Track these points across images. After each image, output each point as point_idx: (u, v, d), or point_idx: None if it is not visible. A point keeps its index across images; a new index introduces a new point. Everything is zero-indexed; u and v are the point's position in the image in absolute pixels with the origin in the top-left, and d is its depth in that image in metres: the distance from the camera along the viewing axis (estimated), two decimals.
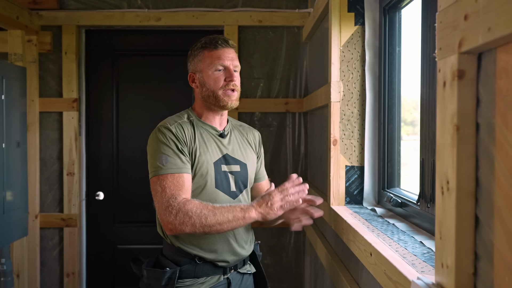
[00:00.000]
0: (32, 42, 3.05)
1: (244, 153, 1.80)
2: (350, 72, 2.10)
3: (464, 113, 0.84)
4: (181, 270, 1.64)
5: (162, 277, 1.62)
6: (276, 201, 1.59)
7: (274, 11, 3.13)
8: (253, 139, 1.88)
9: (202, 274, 1.67)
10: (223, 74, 1.70)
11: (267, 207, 1.58)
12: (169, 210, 1.55)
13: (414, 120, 1.99)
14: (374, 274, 1.37)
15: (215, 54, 1.71)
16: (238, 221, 1.56)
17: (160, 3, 3.15)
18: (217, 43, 1.71)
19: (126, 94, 3.26)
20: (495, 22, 0.70)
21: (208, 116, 1.76)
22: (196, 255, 1.66)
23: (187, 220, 1.53)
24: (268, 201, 1.58)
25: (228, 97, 1.70)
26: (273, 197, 1.59)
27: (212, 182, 1.68)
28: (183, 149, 1.64)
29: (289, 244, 3.20)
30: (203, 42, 1.74)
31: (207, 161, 1.68)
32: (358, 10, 2.09)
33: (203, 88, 1.73)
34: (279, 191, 1.61)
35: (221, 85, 1.69)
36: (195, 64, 1.76)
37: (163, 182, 1.59)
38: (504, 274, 0.74)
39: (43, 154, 3.14)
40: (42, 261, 3.16)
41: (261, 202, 1.59)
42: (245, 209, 1.57)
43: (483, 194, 0.82)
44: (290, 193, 1.60)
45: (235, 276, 1.74)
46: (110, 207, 3.25)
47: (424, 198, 1.55)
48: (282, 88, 3.18)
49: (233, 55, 1.73)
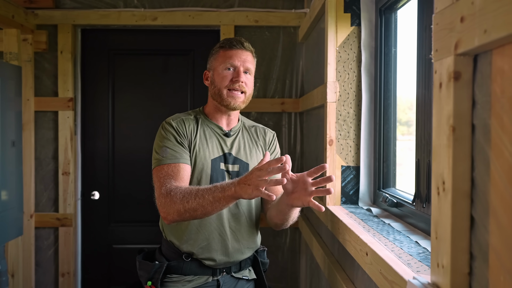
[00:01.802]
0: (28, 41, 3.04)
1: (249, 154, 1.79)
2: (346, 72, 2.11)
3: (460, 114, 0.84)
4: (168, 265, 1.68)
5: (150, 270, 1.67)
6: (252, 178, 1.41)
7: (270, 11, 3.13)
8: (265, 139, 1.87)
9: (189, 272, 1.68)
10: (231, 73, 1.71)
11: (244, 185, 1.43)
12: (160, 200, 1.58)
13: (409, 120, 2.00)
14: (370, 274, 1.37)
15: (228, 53, 1.72)
16: (219, 201, 1.48)
17: (157, 3, 3.15)
18: (232, 43, 1.73)
19: (122, 93, 3.25)
20: (491, 24, 0.71)
21: (216, 115, 1.78)
22: (185, 251, 1.68)
23: (172, 206, 1.53)
24: (246, 179, 1.44)
25: (232, 98, 1.70)
26: (251, 174, 1.43)
27: (207, 178, 1.69)
28: (183, 141, 1.68)
29: (284, 244, 3.20)
30: (222, 42, 1.77)
31: (204, 157, 1.69)
32: (354, 11, 2.10)
33: (212, 85, 1.76)
34: (256, 169, 1.43)
35: (227, 84, 1.70)
36: (210, 62, 1.79)
37: (160, 173, 1.63)
38: (499, 273, 0.74)
39: (38, 153, 3.13)
40: (37, 261, 3.15)
41: (240, 181, 1.45)
42: (225, 188, 1.47)
43: (479, 195, 0.82)
44: (268, 171, 1.40)
45: (227, 280, 1.73)
46: (105, 206, 3.25)
47: (419, 198, 1.56)
48: (278, 88, 3.19)
49: (246, 57, 1.73)
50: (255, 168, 1.43)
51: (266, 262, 1.88)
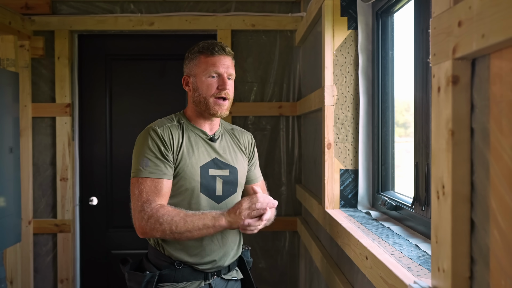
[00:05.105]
0: (25, 47, 3.03)
1: (235, 157, 1.79)
2: (343, 76, 2.11)
3: (459, 118, 0.85)
4: (160, 274, 1.66)
5: (142, 280, 1.64)
6: (243, 209, 1.60)
7: (267, 15, 3.13)
8: (245, 142, 1.87)
9: (181, 279, 1.67)
10: (216, 81, 1.70)
11: (235, 215, 1.59)
12: (141, 215, 1.58)
13: (406, 122, 2.01)
14: (370, 277, 1.37)
15: (211, 60, 1.70)
16: (208, 229, 1.59)
17: (153, 8, 3.15)
18: (214, 49, 1.70)
19: (119, 98, 3.25)
20: (488, 29, 0.71)
21: (199, 120, 1.76)
22: (177, 258, 1.67)
23: (158, 226, 1.57)
24: (237, 210, 1.60)
25: (219, 106, 1.70)
26: (241, 205, 1.61)
27: (197, 186, 1.67)
28: (167, 154, 1.65)
29: (283, 248, 3.20)
30: (200, 46, 1.73)
31: (192, 165, 1.67)
32: (351, 15, 2.10)
33: (195, 93, 1.73)
34: (247, 199, 1.62)
35: (213, 93, 1.69)
36: (190, 68, 1.75)
37: (141, 186, 1.61)
38: (500, 277, 0.74)
39: (36, 159, 3.12)
40: (36, 267, 3.14)
41: (231, 211, 1.61)
42: (216, 218, 1.59)
43: (479, 198, 0.82)
44: (258, 202, 1.61)
45: (218, 282, 1.73)
46: (103, 212, 3.24)
47: (418, 201, 1.56)
48: (276, 92, 3.19)
49: (228, 63, 1.72)
50: (246, 199, 1.63)
51: (250, 261, 1.90)
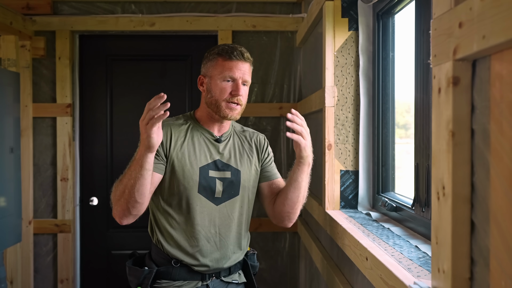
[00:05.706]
0: (26, 47, 3.04)
1: (240, 160, 1.77)
2: (344, 77, 2.11)
3: (459, 119, 0.85)
4: (158, 271, 1.68)
5: (140, 276, 1.68)
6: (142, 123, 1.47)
7: (268, 16, 3.14)
8: (257, 144, 1.84)
9: (178, 278, 1.68)
10: (231, 86, 1.68)
11: (142, 136, 1.48)
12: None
13: (407, 123, 2.01)
14: (370, 278, 1.37)
15: (228, 64, 1.68)
16: (135, 168, 1.52)
17: (154, 8, 3.15)
18: (233, 54, 1.68)
19: (120, 99, 3.25)
20: (489, 30, 0.71)
21: (208, 121, 1.75)
22: (173, 256, 1.67)
23: (112, 204, 1.61)
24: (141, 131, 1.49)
25: (230, 110, 1.68)
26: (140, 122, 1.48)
27: (195, 186, 1.67)
28: (158, 150, 1.66)
29: (284, 249, 3.20)
30: (220, 48, 1.71)
31: (191, 165, 1.67)
32: (351, 16, 2.10)
33: (208, 94, 1.72)
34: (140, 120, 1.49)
35: (226, 97, 1.67)
36: (207, 68, 1.74)
37: None
38: (500, 278, 0.74)
39: (37, 159, 3.13)
40: (36, 268, 3.14)
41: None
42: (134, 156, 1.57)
43: (479, 200, 0.82)
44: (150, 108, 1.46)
45: (217, 284, 1.73)
46: (104, 212, 3.24)
47: (419, 203, 1.56)
48: (276, 92, 3.19)
49: (245, 69, 1.70)
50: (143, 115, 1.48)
51: (256, 265, 1.87)
